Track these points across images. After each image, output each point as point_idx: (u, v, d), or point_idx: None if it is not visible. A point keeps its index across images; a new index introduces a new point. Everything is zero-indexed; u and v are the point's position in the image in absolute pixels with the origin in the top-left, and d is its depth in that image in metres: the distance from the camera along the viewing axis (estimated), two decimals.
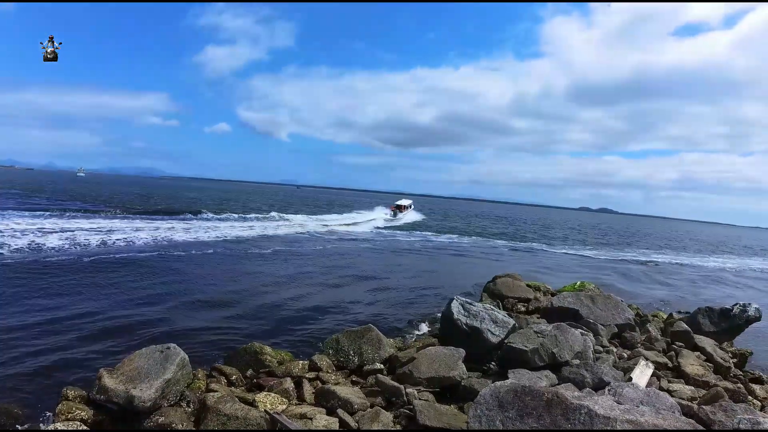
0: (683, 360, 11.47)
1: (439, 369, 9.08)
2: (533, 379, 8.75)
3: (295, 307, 16.07)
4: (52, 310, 13.34)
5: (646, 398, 6.93)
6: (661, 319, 16.36)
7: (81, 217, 36.74)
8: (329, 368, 9.63)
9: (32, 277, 16.49)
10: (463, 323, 10.70)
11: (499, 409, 5.85)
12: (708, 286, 32.43)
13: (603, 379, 8.84)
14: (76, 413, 6.87)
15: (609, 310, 14.12)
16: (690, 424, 5.45)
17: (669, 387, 9.81)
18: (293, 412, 7.36)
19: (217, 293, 16.97)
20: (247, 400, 7.59)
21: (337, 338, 10.38)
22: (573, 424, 5.43)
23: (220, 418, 6.71)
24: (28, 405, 8.08)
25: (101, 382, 7.08)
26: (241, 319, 14.20)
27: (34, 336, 11.23)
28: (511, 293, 16.46)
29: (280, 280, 20.46)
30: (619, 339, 13.35)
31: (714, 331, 14.60)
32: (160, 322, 13.15)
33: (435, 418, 7.33)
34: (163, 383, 7.06)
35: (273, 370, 9.38)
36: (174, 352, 7.68)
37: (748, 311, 14.83)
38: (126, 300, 14.99)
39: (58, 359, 10.08)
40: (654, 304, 22.63)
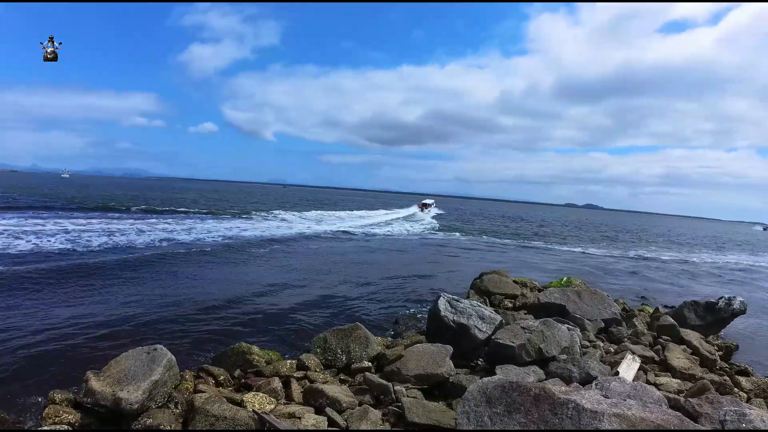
0: (669, 353, 11.57)
1: (427, 366, 9.09)
2: (521, 375, 8.79)
3: (282, 306, 16.03)
4: (36, 312, 13.23)
5: (633, 392, 6.98)
6: (647, 314, 16.48)
7: (64, 217, 36.42)
8: (317, 367, 9.61)
9: (14, 279, 16.33)
10: (450, 320, 10.72)
11: (487, 405, 5.87)
12: (693, 281, 32.72)
13: (590, 373, 8.90)
14: (63, 416, 6.79)
15: (595, 305, 14.20)
16: (677, 417, 5.49)
17: (656, 380, 9.88)
18: (281, 412, 7.33)
19: (205, 293, 16.89)
20: (235, 400, 7.55)
21: (324, 337, 10.34)
22: (561, 419, 5.46)
23: (208, 419, 6.67)
24: (13, 408, 8.01)
25: (88, 385, 7.01)
26: (228, 319, 14.15)
27: (19, 339, 11.12)
28: (497, 289, 16.51)
29: (268, 279, 20.39)
30: (606, 334, 13.43)
31: (700, 324, 14.75)
32: (146, 323, 13.08)
33: (423, 415, 7.33)
34: (150, 385, 7.00)
35: (261, 369, 9.34)
36: (161, 353, 7.62)
37: (733, 304, 15.00)
38: (112, 301, 14.90)
39: (43, 362, 10.00)
40: (640, 298, 22.82)
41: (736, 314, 15.09)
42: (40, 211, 40.66)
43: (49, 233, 27.56)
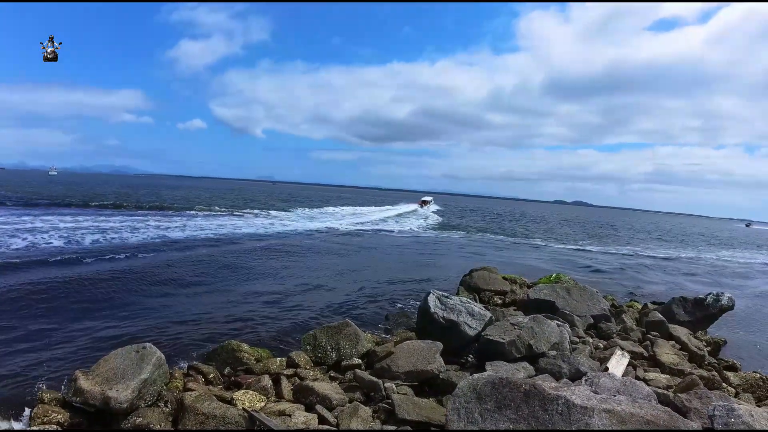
0: (658, 349, 11.63)
1: (417, 363, 9.11)
2: (511, 371, 8.82)
3: (272, 303, 15.97)
4: (24, 311, 13.11)
5: (623, 387, 7.02)
6: (636, 310, 16.58)
7: (54, 214, 36.13)
8: (307, 364, 9.60)
9: (2, 278, 16.18)
10: (440, 317, 10.73)
11: (477, 401, 5.88)
12: (681, 277, 32.94)
13: (580, 369, 8.94)
14: (52, 416, 6.74)
15: (585, 302, 14.27)
16: (666, 412, 5.52)
17: (645, 376, 9.94)
18: (272, 410, 7.32)
19: (194, 290, 16.82)
20: (225, 398, 7.53)
21: (314, 334, 10.32)
22: (551, 414, 5.48)
23: (198, 417, 6.64)
24: (1, 408, 7.94)
25: (77, 384, 6.96)
26: (218, 316, 14.07)
27: (7, 338, 11.02)
28: (487, 286, 16.55)
29: (258, 276, 20.32)
30: (595, 330, 13.50)
31: (688, 320, 14.84)
32: (135, 321, 12.98)
33: (414, 412, 7.34)
34: (139, 383, 6.96)
35: (251, 367, 9.32)
36: (150, 352, 7.57)
37: (722, 300, 15.11)
38: (100, 299, 14.76)
39: (32, 361, 9.89)
40: (629, 294, 22.92)
41: (724, 310, 15.19)
42: (31, 208, 40.34)
43: (41, 231, 27.28)
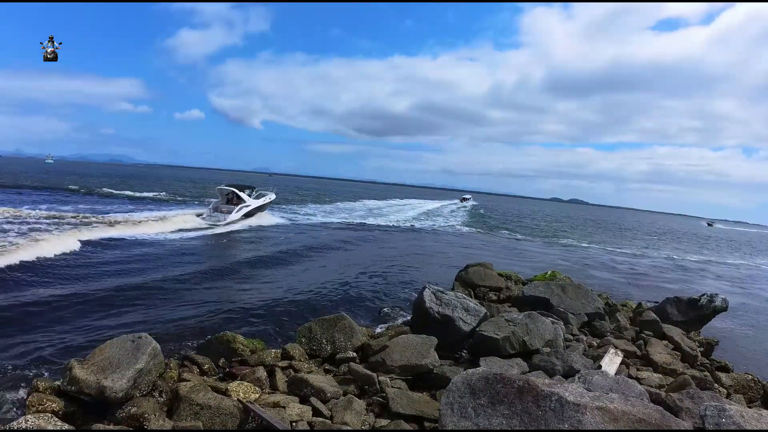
0: (651, 348, 11.68)
1: (412, 357, 9.12)
2: (505, 367, 8.84)
3: (268, 295, 16.01)
4: (19, 300, 13.11)
5: (616, 385, 7.04)
6: (630, 309, 16.62)
7: (48, 201, 36.09)
8: (302, 357, 9.62)
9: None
10: (435, 311, 10.74)
11: (471, 396, 5.90)
12: (676, 277, 33.06)
13: (573, 366, 8.97)
14: (47, 405, 6.72)
15: (579, 300, 14.30)
16: (658, 411, 5.54)
17: (638, 375, 9.99)
18: (266, 401, 7.34)
19: (190, 282, 16.83)
20: (220, 389, 7.55)
21: (309, 327, 10.34)
22: (544, 411, 5.50)
23: (192, 407, 6.66)
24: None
25: (72, 373, 6.95)
26: (213, 307, 14.09)
27: (3, 327, 11.04)
28: (482, 282, 16.56)
29: (254, 268, 20.34)
30: (589, 327, 13.54)
31: (682, 320, 14.88)
32: (131, 312, 13.01)
33: (407, 406, 7.37)
34: (134, 373, 6.95)
35: (246, 359, 9.34)
36: (145, 342, 7.56)
37: (715, 301, 15.15)
38: (96, 289, 14.76)
39: (27, 350, 9.92)
40: (623, 293, 23.00)
41: (717, 311, 15.23)
42: (31, 196, 40.30)
43: (38, 220, 27.22)
